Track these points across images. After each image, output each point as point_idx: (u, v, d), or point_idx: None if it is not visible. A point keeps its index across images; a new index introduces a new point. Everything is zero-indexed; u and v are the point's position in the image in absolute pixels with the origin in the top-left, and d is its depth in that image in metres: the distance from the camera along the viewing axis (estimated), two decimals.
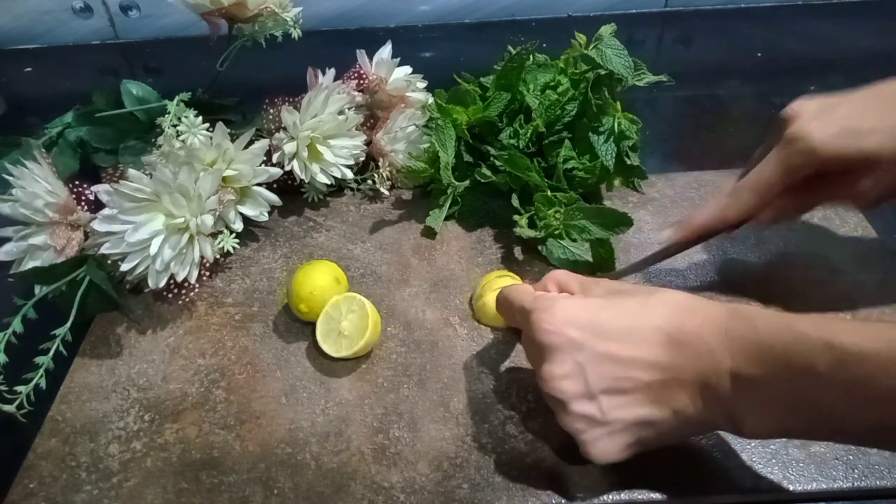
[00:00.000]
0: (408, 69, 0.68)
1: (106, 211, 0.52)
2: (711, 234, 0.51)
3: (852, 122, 0.45)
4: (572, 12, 0.97)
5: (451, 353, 0.52)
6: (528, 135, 0.60)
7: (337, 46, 0.93)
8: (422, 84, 0.69)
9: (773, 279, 0.56)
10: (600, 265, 0.56)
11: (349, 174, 0.65)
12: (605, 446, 0.40)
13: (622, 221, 0.54)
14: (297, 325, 0.54)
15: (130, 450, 0.47)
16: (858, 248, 0.58)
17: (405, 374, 0.50)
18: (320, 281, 0.52)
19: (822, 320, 0.35)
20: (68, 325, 0.51)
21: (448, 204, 0.62)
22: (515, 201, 0.60)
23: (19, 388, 0.47)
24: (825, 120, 0.46)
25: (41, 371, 0.48)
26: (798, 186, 0.48)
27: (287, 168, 0.62)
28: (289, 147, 0.61)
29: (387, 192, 0.65)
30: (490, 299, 0.51)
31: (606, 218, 0.54)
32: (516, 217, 0.58)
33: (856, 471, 0.43)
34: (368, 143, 0.66)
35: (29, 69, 0.93)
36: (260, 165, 0.60)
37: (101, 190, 0.53)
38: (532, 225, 0.58)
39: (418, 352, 0.52)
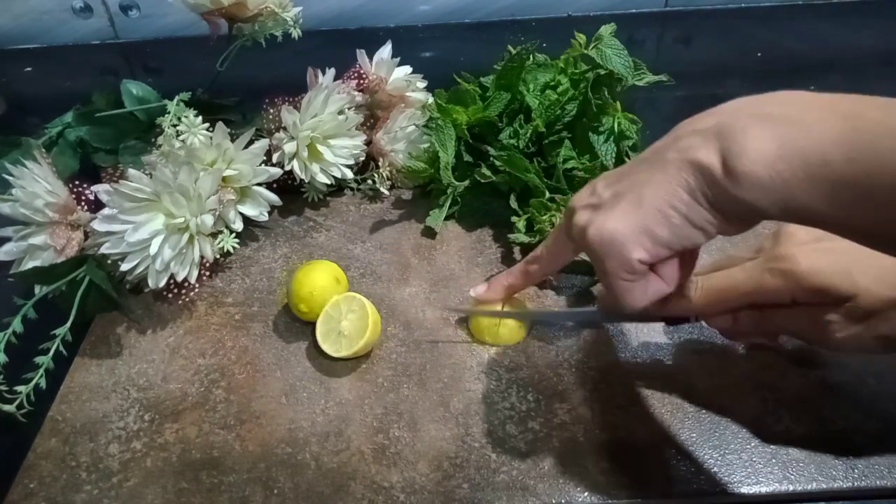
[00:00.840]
0: (408, 69, 0.68)
1: (106, 211, 0.52)
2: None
3: (848, 257, 0.42)
4: (572, 12, 0.97)
5: (451, 353, 0.52)
6: (528, 135, 0.60)
7: (337, 46, 0.93)
8: (422, 84, 0.69)
9: None
10: None
11: (349, 174, 0.65)
12: (614, 223, 0.38)
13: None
14: (297, 324, 0.54)
15: (130, 450, 0.47)
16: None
17: (405, 374, 0.50)
18: (320, 281, 0.52)
19: None
20: (68, 324, 0.51)
21: (448, 204, 0.62)
22: (514, 202, 0.60)
23: (19, 388, 0.47)
24: (820, 249, 0.42)
25: (41, 371, 0.48)
26: (763, 308, 0.45)
27: (287, 168, 0.62)
28: (289, 147, 0.61)
29: (387, 192, 0.65)
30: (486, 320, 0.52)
31: None
32: (514, 219, 0.58)
33: (856, 470, 0.43)
34: (368, 142, 0.66)
35: (29, 69, 0.93)
36: (260, 165, 0.60)
37: (101, 190, 0.53)
38: (530, 226, 0.58)
39: (418, 352, 0.52)
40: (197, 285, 0.56)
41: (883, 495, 0.43)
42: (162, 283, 0.54)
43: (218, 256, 0.57)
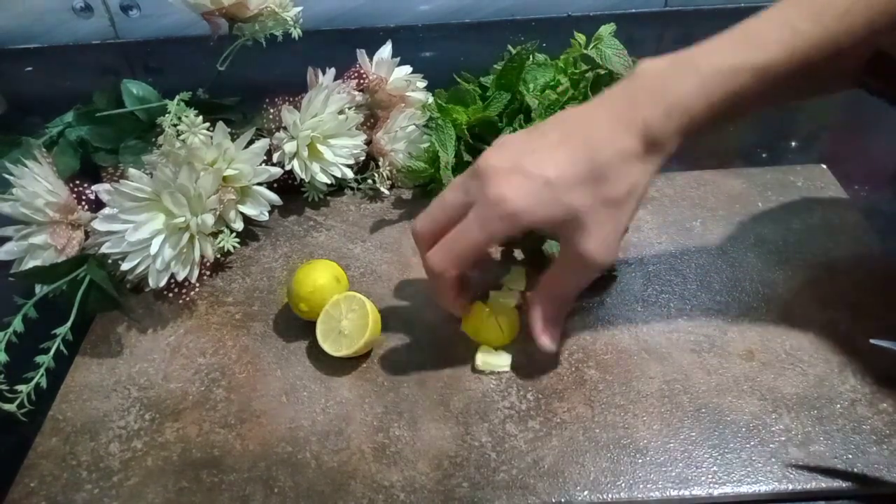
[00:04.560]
0: (408, 69, 0.68)
1: (106, 210, 0.52)
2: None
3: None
4: (572, 12, 0.97)
5: (451, 352, 0.52)
6: None
7: (337, 46, 0.93)
8: (422, 84, 0.69)
9: (772, 278, 0.56)
10: None
11: (349, 173, 0.65)
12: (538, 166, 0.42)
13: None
14: (297, 324, 0.54)
15: (131, 449, 0.47)
16: (858, 247, 0.58)
17: (405, 373, 0.51)
18: (321, 280, 0.52)
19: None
20: (69, 324, 0.51)
21: None
22: None
23: (20, 388, 0.47)
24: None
25: (42, 370, 0.48)
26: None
27: (287, 167, 0.62)
28: (289, 146, 0.61)
29: (387, 192, 0.65)
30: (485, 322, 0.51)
31: None
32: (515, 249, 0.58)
33: (855, 470, 0.43)
34: (368, 142, 0.66)
35: (29, 68, 0.93)
36: (260, 165, 0.60)
37: (101, 189, 0.53)
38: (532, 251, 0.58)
39: (418, 351, 0.52)
40: (197, 285, 0.56)
41: (882, 494, 0.43)
42: (162, 283, 0.54)
43: (218, 256, 0.58)
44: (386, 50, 0.67)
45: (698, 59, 0.41)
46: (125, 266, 0.53)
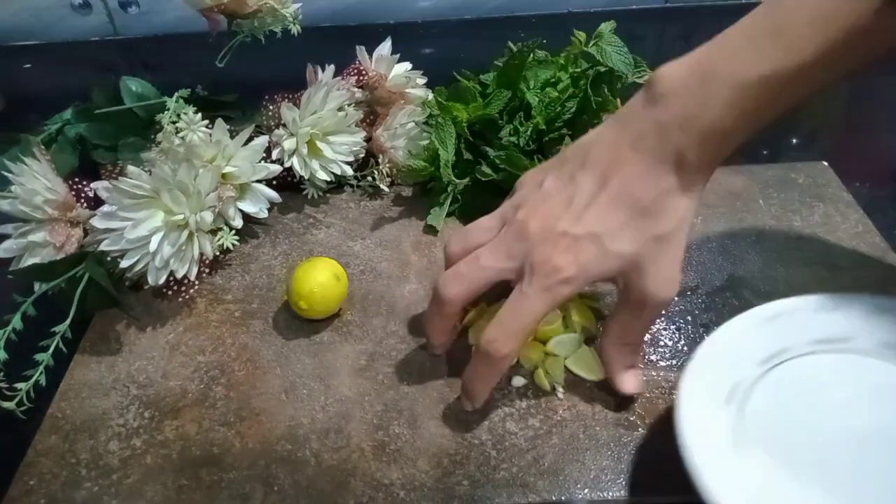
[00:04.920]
0: (408, 65, 0.68)
1: (105, 208, 0.52)
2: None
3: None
4: (572, 8, 0.97)
5: (451, 351, 0.51)
6: (529, 132, 0.60)
7: (336, 43, 0.93)
8: (422, 80, 0.69)
9: (773, 277, 0.56)
10: None
11: (349, 171, 0.64)
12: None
13: None
14: (296, 321, 0.54)
15: (130, 447, 0.47)
16: (859, 246, 0.58)
17: (405, 371, 0.50)
18: (320, 278, 0.52)
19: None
20: (68, 322, 0.51)
21: (448, 202, 0.62)
22: None
23: (19, 385, 0.47)
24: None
25: (41, 368, 0.48)
26: None
27: (287, 165, 0.62)
28: (288, 144, 0.61)
29: (387, 189, 0.65)
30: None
31: None
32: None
33: None
34: (368, 139, 0.66)
35: (28, 65, 0.93)
36: (259, 162, 0.60)
37: (100, 186, 0.53)
38: None
39: (418, 349, 0.52)
40: (196, 282, 0.56)
41: None
42: (161, 280, 0.54)
43: (217, 253, 0.57)
44: (386, 46, 0.67)
45: (723, 68, 0.38)
46: (124, 263, 0.52)
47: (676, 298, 0.54)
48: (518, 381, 0.49)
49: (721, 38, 0.40)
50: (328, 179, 0.63)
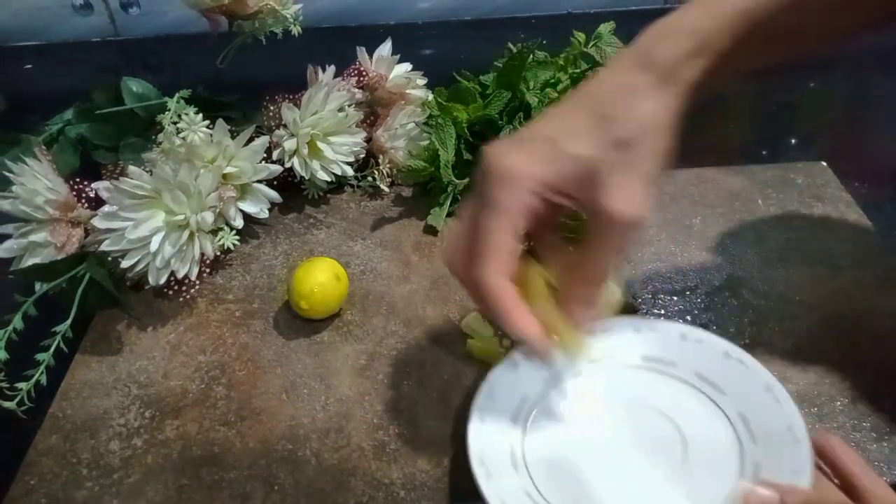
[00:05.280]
0: (408, 66, 0.68)
1: (106, 208, 0.52)
2: None
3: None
4: (572, 9, 0.97)
5: (451, 350, 0.52)
6: None
7: (337, 43, 0.92)
8: (422, 81, 0.69)
9: (773, 277, 0.56)
10: None
11: (349, 171, 0.65)
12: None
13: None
14: (297, 321, 0.54)
15: (131, 446, 0.47)
16: (858, 245, 0.58)
17: (405, 371, 0.50)
18: (321, 278, 0.52)
19: None
20: (69, 321, 0.51)
21: (448, 202, 0.62)
22: None
23: (20, 385, 0.47)
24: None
25: (42, 368, 0.48)
26: None
27: (287, 165, 0.62)
28: (289, 144, 0.61)
29: (387, 189, 0.65)
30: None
31: None
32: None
33: None
34: (368, 140, 0.66)
35: (29, 66, 0.93)
36: (260, 162, 0.60)
37: (101, 187, 0.53)
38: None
39: (418, 349, 0.52)
40: (197, 282, 0.56)
41: None
42: (162, 280, 0.54)
43: (218, 253, 0.57)
44: (386, 47, 0.67)
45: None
46: (125, 263, 0.53)
47: (675, 298, 0.54)
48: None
49: None
50: (328, 180, 0.64)
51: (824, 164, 0.67)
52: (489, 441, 0.40)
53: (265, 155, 0.60)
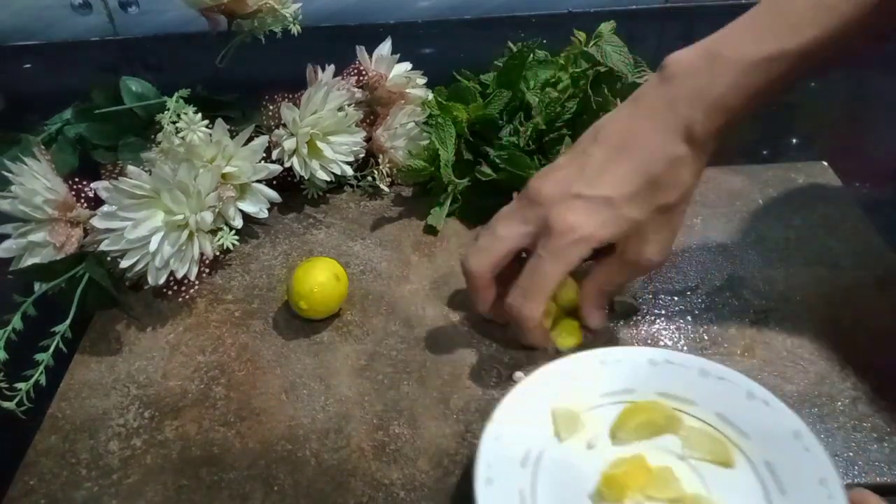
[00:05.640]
0: (407, 65, 0.68)
1: (105, 208, 0.52)
2: None
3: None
4: (572, 8, 0.97)
5: (451, 350, 0.52)
6: (529, 132, 0.60)
7: (336, 43, 0.93)
8: (421, 80, 0.69)
9: (773, 277, 0.56)
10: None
11: (349, 171, 0.64)
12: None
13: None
14: (297, 321, 0.54)
15: (130, 447, 0.47)
16: (858, 245, 0.58)
17: (405, 371, 0.50)
18: (320, 278, 0.52)
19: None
20: (68, 321, 0.51)
21: (448, 202, 0.62)
22: None
23: (19, 385, 0.47)
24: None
25: (41, 368, 0.48)
26: None
27: (287, 165, 0.62)
28: (288, 144, 0.61)
29: (386, 189, 0.65)
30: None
31: None
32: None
33: (856, 467, 0.43)
34: (368, 139, 0.66)
35: (28, 65, 0.93)
36: (259, 162, 0.60)
37: (100, 186, 0.53)
38: None
39: (418, 349, 0.52)
40: (196, 282, 0.56)
41: (883, 491, 0.43)
42: (161, 280, 0.54)
43: (217, 253, 0.57)
44: (385, 46, 0.67)
45: (729, 51, 0.41)
46: (124, 263, 0.52)
47: (676, 298, 0.54)
48: (518, 375, 0.49)
49: (727, 26, 0.43)
50: (328, 179, 0.63)
51: (825, 163, 0.67)
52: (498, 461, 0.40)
53: (264, 154, 0.60)
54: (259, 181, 0.60)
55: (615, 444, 0.42)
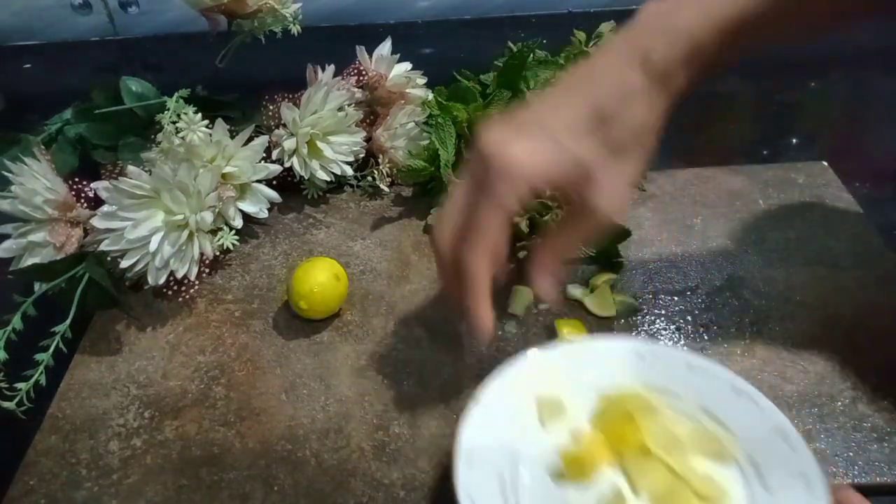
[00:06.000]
0: (407, 65, 0.68)
1: (105, 208, 0.52)
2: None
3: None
4: (572, 8, 0.97)
5: (451, 350, 0.52)
6: None
7: (336, 43, 0.93)
8: (421, 80, 0.69)
9: (773, 277, 0.56)
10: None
11: (349, 171, 0.64)
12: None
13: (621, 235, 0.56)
14: (296, 321, 0.54)
15: (130, 447, 0.47)
16: (858, 245, 0.58)
17: (405, 371, 0.50)
18: (320, 278, 0.52)
19: None
20: (68, 322, 0.51)
21: None
22: None
23: (19, 385, 0.47)
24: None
25: (41, 368, 0.48)
26: None
27: (287, 165, 0.62)
28: (288, 144, 0.61)
29: (386, 189, 0.65)
30: None
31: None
32: (517, 218, 0.58)
33: (856, 467, 0.43)
34: (368, 139, 0.66)
35: (28, 65, 0.93)
36: (259, 162, 0.60)
37: (100, 186, 0.53)
38: (532, 225, 0.58)
39: (418, 349, 0.52)
40: (196, 282, 0.56)
41: (883, 491, 0.43)
42: (161, 280, 0.54)
43: (217, 253, 0.57)
44: (385, 46, 0.67)
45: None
46: (124, 263, 0.52)
47: (676, 298, 0.54)
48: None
49: None
50: (328, 179, 0.63)
51: (825, 163, 0.67)
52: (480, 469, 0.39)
53: (264, 154, 0.60)
54: (259, 181, 0.60)
55: (596, 431, 0.42)
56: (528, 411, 0.43)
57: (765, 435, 0.39)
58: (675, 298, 0.55)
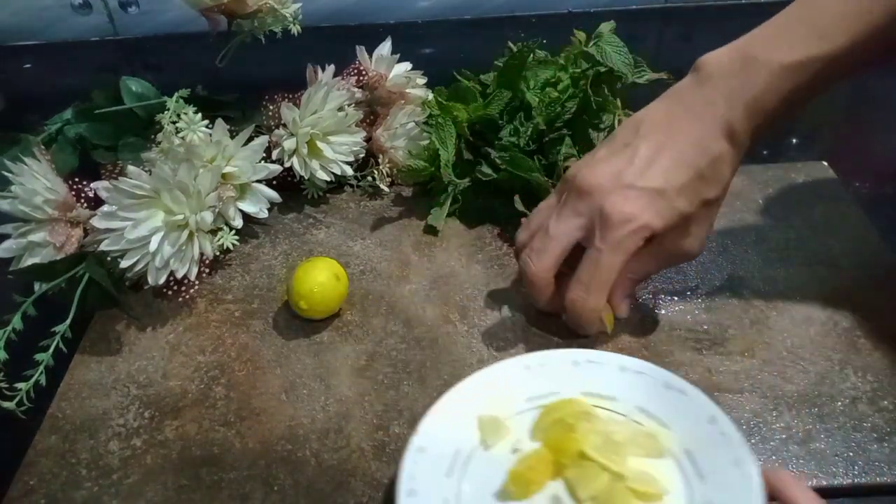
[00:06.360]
0: (408, 65, 0.68)
1: (105, 208, 0.52)
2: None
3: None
4: (572, 8, 0.97)
5: (451, 350, 0.52)
6: (529, 132, 0.60)
7: (336, 43, 0.93)
8: (422, 80, 0.69)
9: (773, 277, 0.56)
10: None
11: (349, 171, 0.64)
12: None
13: None
14: (297, 321, 0.54)
15: (130, 447, 0.47)
16: (858, 245, 0.58)
17: (405, 371, 0.50)
18: (320, 278, 0.52)
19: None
20: (68, 321, 0.51)
21: (449, 202, 0.62)
22: (519, 204, 0.59)
23: (19, 385, 0.47)
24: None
25: (41, 368, 0.48)
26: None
27: (287, 165, 0.62)
28: (288, 144, 0.61)
29: (386, 189, 0.65)
30: None
31: None
32: (524, 220, 0.58)
33: (856, 467, 0.43)
34: (368, 139, 0.66)
35: (28, 65, 0.93)
36: (259, 162, 0.60)
37: (100, 186, 0.53)
38: None
39: (418, 349, 0.52)
40: (196, 282, 0.56)
41: (883, 492, 0.43)
42: (161, 280, 0.54)
43: (217, 253, 0.57)
44: (385, 46, 0.67)
45: (763, 54, 0.43)
46: (124, 263, 0.52)
47: (676, 298, 0.54)
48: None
49: (759, 29, 0.45)
50: (328, 179, 0.63)
51: (825, 163, 0.67)
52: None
53: (264, 154, 0.60)
54: (259, 181, 0.60)
55: (535, 443, 0.42)
56: (471, 433, 0.42)
57: (698, 425, 0.40)
58: (675, 298, 0.55)
